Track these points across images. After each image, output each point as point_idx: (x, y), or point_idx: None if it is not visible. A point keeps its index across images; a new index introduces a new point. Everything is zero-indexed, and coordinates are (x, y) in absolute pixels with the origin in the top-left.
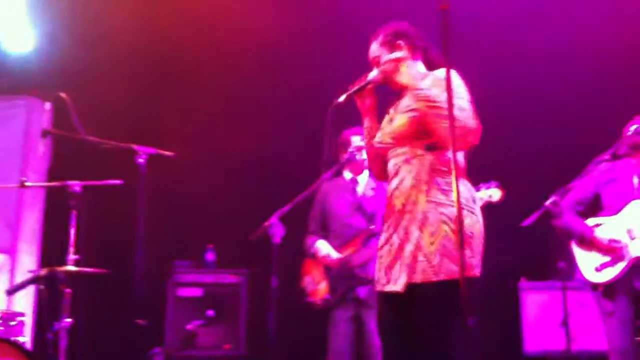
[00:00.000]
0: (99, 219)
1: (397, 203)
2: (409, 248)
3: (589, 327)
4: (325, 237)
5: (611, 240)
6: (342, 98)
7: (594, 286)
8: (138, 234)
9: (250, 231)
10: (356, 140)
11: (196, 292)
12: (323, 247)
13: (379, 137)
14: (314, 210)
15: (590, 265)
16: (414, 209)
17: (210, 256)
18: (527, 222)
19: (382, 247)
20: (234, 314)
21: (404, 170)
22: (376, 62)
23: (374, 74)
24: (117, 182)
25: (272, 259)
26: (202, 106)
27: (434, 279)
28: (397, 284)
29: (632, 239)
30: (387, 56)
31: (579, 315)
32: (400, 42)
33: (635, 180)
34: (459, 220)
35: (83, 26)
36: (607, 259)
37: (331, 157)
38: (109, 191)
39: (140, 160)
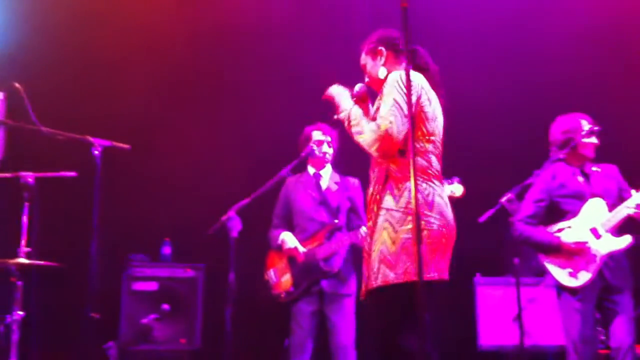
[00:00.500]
0: (52, 211)
1: (371, 211)
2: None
3: (542, 322)
4: (290, 232)
5: (577, 243)
6: (336, 115)
7: (573, 291)
8: (93, 227)
9: (207, 225)
10: (317, 135)
11: (152, 286)
12: (289, 240)
13: None
14: (278, 206)
15: (564, 271)
16: (371, 218)
17: (166, 250)
18: (483, 218)
19: None
20: (189, 309)
21: (372, 179)
22: (364, 70)
23: (358, 87)
24: (71, 174)
25: (230, 253)
26: (160, 98)
27: (374, 284)
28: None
29: (598, 237)
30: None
31: (532, 311)
32: (381, 48)
33: (580, 178)
34: (417, 226)
35: (37, 16)
36: (578, 262)
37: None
38: (64, 183)
39: (96, 152)
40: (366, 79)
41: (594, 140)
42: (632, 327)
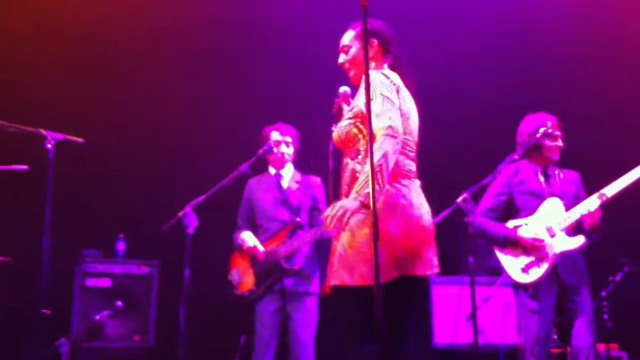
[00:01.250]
0: (3, 205)
1: None
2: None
3: (496, 321)
4: (254, 232)
5: (534, 239)
6: (334, 127)
7: (524, 287)
8: (45, 221)
9: (163, 221)
10: (274, 135)
11: (105, 282)
12: (249, 239)
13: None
14: (241, 208)
15: (516, 267)
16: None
17: (120, 246)
18: (438, 218)
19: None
20: (143, 305)
21: (346, 172)
22: (344, 51)
23: (345, 89)
24: (23, 167)
25: (185, 250)
26: (115, 92)
27: (333, 283)
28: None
29: (553, 236)
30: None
31: (486, 310)
32: (375, 40)
33: (541, 178)
34: (374, 225)
35: None
36: (531, 259)
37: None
38: (15, 177)
39: (49, 145)
40: (341, 59)
41: (558, 143)
42: (592, 326)
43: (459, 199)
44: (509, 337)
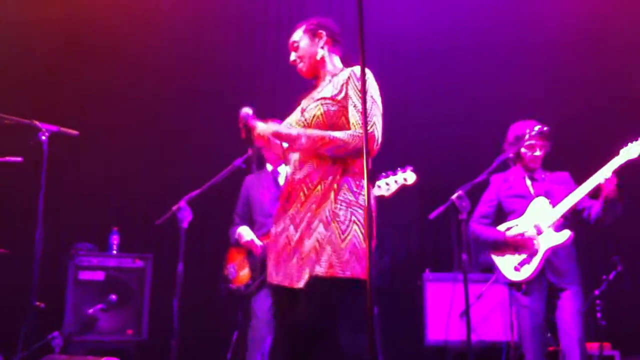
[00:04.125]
0: None
1: (301, 196)
2: (310, 242)
3: (488, 318)
4: (250, 228)
5: (519, 234)
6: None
7: (518, 285)
8: (38, 214)
9: (157, 215)
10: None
11: (98, 275)
12: (245, 233)
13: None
14: (238, 204)
15: (509, 266)
16: (321, 205)
17: (114, 239)
18: (433, 215)
19: (277, 238)
20: (137, 299)
21: (310, 164)
22: (293, 48)
23: (246, 110)
24: (17, 159)
25: (179, 244)
26: (109, 84)
27: (341, 274)
28: (299, 281)
29: (540, 233)
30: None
31: (479, 307)
32: (322, 31)
33: (528, 181)
34: (368, 223)
35: None
36: (523, 257)
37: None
38: (9, 168)
39: (43, 137)
40: (292, 57)
41: (536, 153)
42: (580, 324)
43: (454, 196)
44: (501, 334)
